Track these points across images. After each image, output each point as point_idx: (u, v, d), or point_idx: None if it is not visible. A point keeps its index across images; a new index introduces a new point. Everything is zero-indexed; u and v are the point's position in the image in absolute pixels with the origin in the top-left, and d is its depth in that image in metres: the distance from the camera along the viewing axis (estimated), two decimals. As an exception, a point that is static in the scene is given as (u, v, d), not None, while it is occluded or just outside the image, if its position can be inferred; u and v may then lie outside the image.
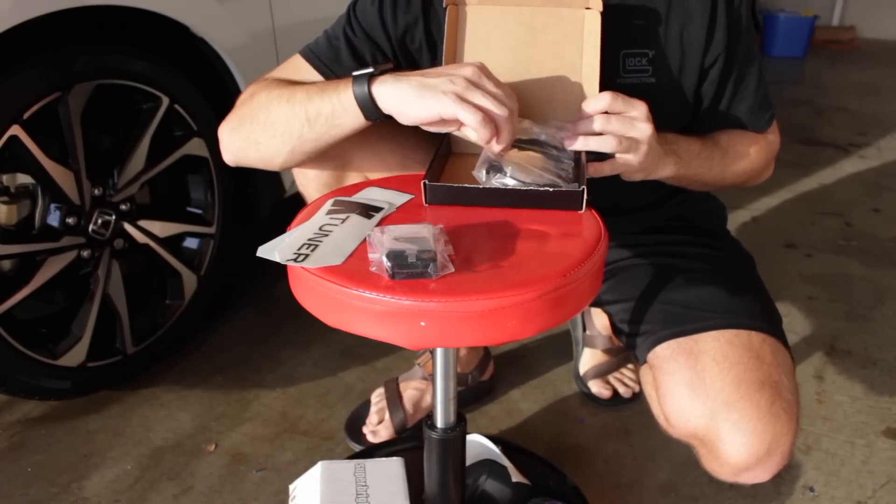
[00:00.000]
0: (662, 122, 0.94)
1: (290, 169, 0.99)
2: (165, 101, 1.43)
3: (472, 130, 0.78)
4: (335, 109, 0.85)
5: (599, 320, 1.48)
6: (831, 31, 5.43)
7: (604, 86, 0.88)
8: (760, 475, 0.92)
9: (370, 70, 0.82)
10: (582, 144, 0.85)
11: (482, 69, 0.80)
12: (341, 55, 0.99)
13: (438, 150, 0.92)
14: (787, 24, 4.81)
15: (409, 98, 0.79)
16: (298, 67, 1.01)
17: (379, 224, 0.80)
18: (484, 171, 0.84)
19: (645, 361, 1.03)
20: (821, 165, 2.80)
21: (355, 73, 0.83)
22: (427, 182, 0.85)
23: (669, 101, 1.01)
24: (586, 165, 0.86)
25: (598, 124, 0.84)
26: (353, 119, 0.85)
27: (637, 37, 0.97)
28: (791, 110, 3.53)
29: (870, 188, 2.60)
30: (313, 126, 0.87)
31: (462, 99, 0.77)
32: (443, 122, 0.79)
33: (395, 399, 1.37)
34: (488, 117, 0.77)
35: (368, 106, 0.82)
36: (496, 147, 0.80)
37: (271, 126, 0.91)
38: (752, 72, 1.03)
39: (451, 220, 0.80)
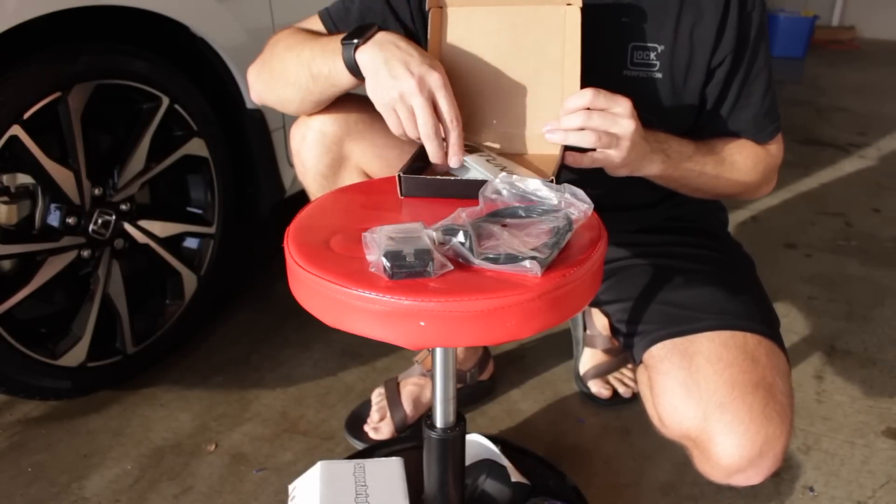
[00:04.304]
0: (666, 118, 0.94)
1: (305, 114, 1.05)
2: (165, 101, 1.43)
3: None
4: (332, 71, 0.92)
5: (600, 320, 1.48)
6: (831, 31, 5.42)
7: (609, 77, 0.89)
8: (752, 477, 0.92)
9: (355, 41, 0.88)
10: (561, 138, 0.86)
11: (441, 76, 0.86)
12: (351, 16, 1.03)
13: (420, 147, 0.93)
14: (787, 24, 4.81)
15: (371, 76, 0.88)
16: (312, 26, 1.06)
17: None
18: (440, 232, 0.74)
19: (641, 361, 1.03)
20: (821, 165, 2.80)
21: (344, 41, 0.89)
22: (402, 174, 0.86)
23: (674, 97, 1.01)
24: (564, 156, 0.87)
25: (579, 120, 0.84)
26: (348, 80, 0.92)
27: (647, 31, 0.98)
28: (791, 110, 3.53)
29: (870, 188, 2.60)
30: (317, 82, 0.95)
31: (401, 102, 0.85)
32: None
33: (395, 398, 1.37)
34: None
35: (356, 70, 0.90)
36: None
37: (283, 76, 0.99)
38: (760, 79, 1.02)
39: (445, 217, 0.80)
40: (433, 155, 0.86)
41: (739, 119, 1.04)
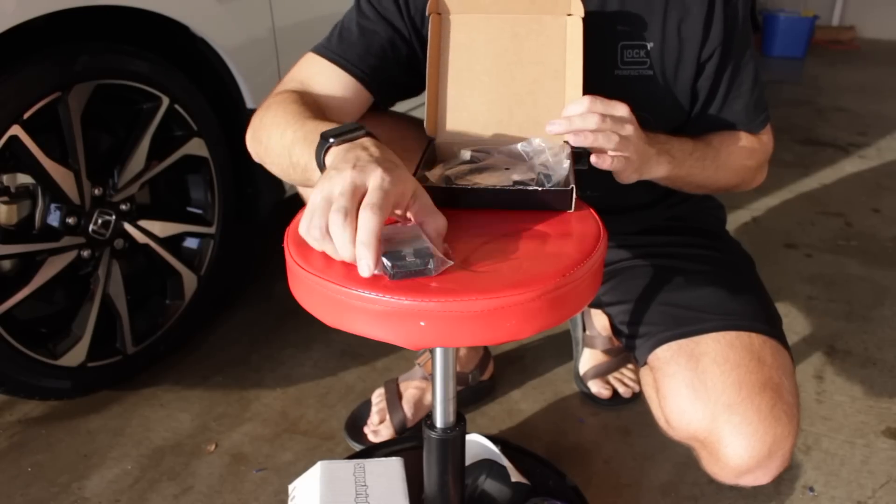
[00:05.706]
0: (659, 115, 0.94)
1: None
2: (165, 101, 1.43)
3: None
4: (308, 166, 0.79)
5: (599, 321, 1.48)
6: (831, 31, 5.42)
7: (602, 78, 0.88)
8: (761, 478, 0.92)
9: (330, 141, 0.74)
10: (577, 140, 0.85)
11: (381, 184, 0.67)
12: (355, 43, 0.99)
13: (423, 157, 0.92)
14: (786, 24, 4.81)
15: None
16: (312, 64, 1.00)
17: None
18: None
19: (645, 363, 1.03)
20: (821, 165, 2.80)
21: (323, 134, 0.76)
22: None
23: (666, 94, 1.01)
24: (579, 158, 0.87)
25: (594, 121, 0.84)
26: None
27: (636, 29, 0.98)
28: (791, 110, 3.53)
29: (870, 188, 2.60)
30: (296, 170, 0.84)
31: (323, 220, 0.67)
32: None
33: (395, 399, 1.37)
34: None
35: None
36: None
37: (269, 152, 0.89)
38: (747, 70, 1.03)
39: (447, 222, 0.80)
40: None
41: (732, 110, 1.04)
